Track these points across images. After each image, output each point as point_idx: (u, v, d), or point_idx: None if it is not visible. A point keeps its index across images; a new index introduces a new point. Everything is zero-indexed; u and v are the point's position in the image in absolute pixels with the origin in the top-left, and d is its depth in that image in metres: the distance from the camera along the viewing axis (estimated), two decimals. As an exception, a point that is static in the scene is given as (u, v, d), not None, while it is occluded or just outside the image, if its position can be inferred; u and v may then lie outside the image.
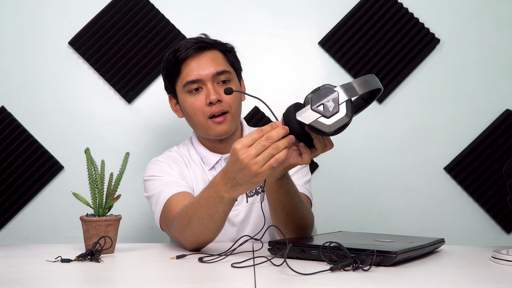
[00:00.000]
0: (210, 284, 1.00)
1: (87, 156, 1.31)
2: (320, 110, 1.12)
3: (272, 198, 1.34)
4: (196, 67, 1.55)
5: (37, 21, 2.11)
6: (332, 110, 1.11)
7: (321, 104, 1.12)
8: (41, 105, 2.10)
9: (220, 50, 1.60)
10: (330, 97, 1.11)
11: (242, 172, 1.15)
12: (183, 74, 1.56)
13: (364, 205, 2.12)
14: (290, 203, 1.36)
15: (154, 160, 1.64)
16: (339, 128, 1.13)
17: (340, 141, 2.13)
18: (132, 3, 2.11)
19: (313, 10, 2.15)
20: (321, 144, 1.21)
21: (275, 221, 1.41)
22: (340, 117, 1.11)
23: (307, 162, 1.22)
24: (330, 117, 1.12)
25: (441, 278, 1.05)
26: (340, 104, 1.11)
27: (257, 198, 1.59)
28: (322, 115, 1.12)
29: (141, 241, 2.07)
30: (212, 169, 1.61)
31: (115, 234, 1.32)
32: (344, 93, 1.11)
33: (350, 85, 1.12)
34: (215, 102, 1.52)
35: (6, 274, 1.07)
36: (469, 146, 2.12)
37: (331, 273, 1.03)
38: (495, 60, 2.14)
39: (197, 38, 1.60)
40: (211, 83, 1.54)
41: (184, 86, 1.56)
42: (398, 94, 2.14)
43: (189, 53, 1.55)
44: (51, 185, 2.10)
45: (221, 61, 1.58)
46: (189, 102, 1.56)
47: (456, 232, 2.11)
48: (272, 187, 1.31)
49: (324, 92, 1.12)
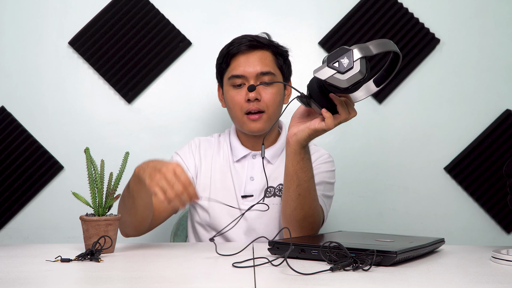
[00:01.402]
0: (210, 284, 1.00)
1: (87, 156, 1.31)
2: (336, 67, 1.17)
3: (291, 171, 1.38)
4: (243, 63, 1.61)
5: (37, 21, 2.11)
6: (346, 66, 1.17)
7: (337, 61, 1.17)
8: (41, 105, 2.10)
9: (272, 52, 1.65)
10: (345, 54, 1.17)
11: (147, 170, 1.29)
12: (231, 68, 1.63)
13: (364, 205, 2.12)
14: (305, 183, 1.39)
15: (196, 139, 1.74)
16: (354, 84, 1.18)
17: (340, 141, 2.13)
18: (132, 3, 2.11)
19: (313, 10, 2.15)
20: (344, 110, 1.27)
21: (285, 203, 1.43)
22: (355, 73, 1.16)
23: (330, 126, 1.28)
24: (345, 72, 1.17)
25: (441, 278, 1.05)
26: (355, 61, 1.16)
27: (275, 200, 1.61)
28: (337, 71, 1.17)
29: (141, 241, 2.07)
30: (238, 161, 1.66)
31: (115, 234, 1.32)
32: (359, 51, 1.16)
33: (365, 45, 1.18)
34: (253, 100, 1.58)
35: (6, 274, 1.07)
36: (469, 146, 2.12)
37: (331, 273, 1.03)
38: (495, 60, 2.14)
39: (253, 36, 1.66)
40: (254, 81, 1.61)
41: (229, 79, 1.63)
42: (398, 94, 2.14)
43: (240, 48, 1.62)
44: (51, 185, 2.10)
45: (268, 62, 1.63)
46: (231, 95, 1.63)
47: (456, 232, 2.11)
48: (295, 155, 1.36)
49: (340, 51, 1.18)
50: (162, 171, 1.24)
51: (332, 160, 1.68)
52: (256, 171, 1.63)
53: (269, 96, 1.61)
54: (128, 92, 2.11)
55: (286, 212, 1.43)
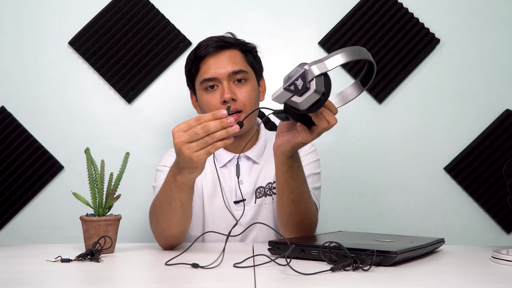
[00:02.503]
0: (210, 284, 1.00)
1: (87, 156, 1.31)
2: (291, 90, 1.12)
3: (282, 180, 1.36)
4: (213, 65, 1.58)
5: (37, 21, 2.11)
6: (301, 88, 1.12)
7: (292, 84, 1.12)
8: (41, 105, 2.10)
9: (240, 50, 1.63)
10: (299, 75, 1.12)
11: (179, 155, 1.19)
12: (201, 72, 1.60)
13: (364, 205, 2.12)
14: (297, 190, 1.37)
15: (170, 151, 1.69)
16: (312, 105, 1.13)
17: (340, 141, 2.13)
18: (132, 3, 2.11)
19: (313, 10, 2.15)
20: (321, 120, 1.22)
21: (280, 210, 1.42)
22: (310, 94, 1.12)
23: (307, 139, 1.24)
24: (301, 95, 1.12)
25: (441, 278, 1.05)
26: (310, 81, 1.11)
27: (266, 199, 1.60)
28: (293, 94, 1.13)
29: (141, 241, 2.07)
30: (224, 166, 1.64)
31: (115, 234, 1.32)
32: (313, 70, 1.11)
33: (321, 61, 1.12)
34: (229, 100, 1.55)
35: (6, 274, 1.07)
36: (469, 146, 2.12)
37: (331, 273, 1.03)
38: (495, 60, 2.14)
39: (219, 37, 1.63)
40: (227, 81, 1.57)
41: (201, 83, 1.60)
42: (398, 94, 2.14)
43: (208, 50, 1.59)
44: (51, 185, 2.10)
45: (239, 61, 1.60)
46: (205, 99, 1.59)
47: (456, 232, 2.11)
48: (283, 165, 1.33)
49: (294, 71, 1.13)
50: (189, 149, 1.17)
51: (315, 150, 1.66)
52: (244, 174, 1.61)
53: (244, 94, 1.57)
54: (128, 92, 2.11)
55: (282, 217, 1.42)
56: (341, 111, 1.43)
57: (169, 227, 1.33)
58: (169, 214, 1.31)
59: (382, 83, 2.12)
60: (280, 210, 1.42)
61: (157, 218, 1.34)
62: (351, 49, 1.14)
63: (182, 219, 1.32)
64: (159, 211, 1.33)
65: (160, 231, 1.35)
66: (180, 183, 1.25)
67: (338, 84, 1.90)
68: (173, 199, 1.28)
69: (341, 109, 1.30)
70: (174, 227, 1.33)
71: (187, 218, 1.34)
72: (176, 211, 1.30)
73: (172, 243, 1.37)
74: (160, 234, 1.36)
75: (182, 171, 1.23)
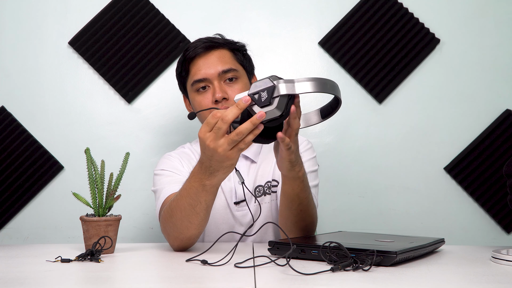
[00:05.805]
0: (210, 284, 1.00)
1: (87, 156, 1.31)
2: (255, 98, 1.14)
3: (292, 194, 1.35)
4: (203, 66, 1.58)
5: (37, 21, 2.11)
6: (264, 101, 1.13)
7: (258, 93, 1.13)
8: (41, 105, 2.10)
9: (229, 49, 1.63)
10: (266, 88, 1.13)
11: (213, 158, 1.18)
12: (192, 74, 1.60)
13: (364, 205, 2.12)
14: (306, 200, 1.37)
15: (167, 155, 1.67)
16: (270, 120, 1.14)
17: (340, 141, 2.13)
18: (132, 3, 2.11)
19: (313, 10, 2.15)
20: (292, 122, 1.20)
21: (286, 219, 1.40)
22: (270, 110, 1.13)
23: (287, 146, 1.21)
24: (262, 107, 1.13)
25: (441, 278, 1.05)
26: (274, 97, 1.13)
27: (265, 198, 1.60)
28: (255, 104, 1.14)
29: (141, 241, 2.07)
30: None
31: (115, 234, 1.32)
32: (281, 88, 1.12)
33: (291, 82, 1.13)
34: (221, 100, 1.55)
35: (6, 274, 1.07)
36: (469, 146, 2.12)
37: (331, 273, 1.03)
38: (495, 60, 2.14)
39: (207, 38, 1.63)
40: (218, 81, 1.57)
41: (192, 85, 1.60)
42: (398, 94, 2.14)
43: (197, 52, 1.59)
44: (51, 185, 2.10)
45: (228, 60, 1.60)
46: (197, 100, 1.59)
47: (456, 232, 2.11)
48: (295, 180, 1.32)
49: (264, 82, 1.14)
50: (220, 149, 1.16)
51: (311, 147, 1.65)
52: (243, 174, 1.60)
53: (236, 92, 1.56)
54: (128, 92, 2.11)
55: (287, 224, 1.41)
56: (341, 112, 1.43)
57: (189, 229, 1.30)
58: (191, 217, 1.28)
59: (382, 83, 2.12)
60: (286, 219, 1.41)
61: (175, 222, 1.30)
62: (324, 81, 1.15)
63: (204, 221, 1.30)
64: (179, 215, 1.29)
65: (176, 233, 1.32)
66: (209, 187, 1.23)
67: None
68: (198, 203, 1.25)
69: (341, 109, 1.30)
70: (193, 229, 1.30)
71: (207, 220, 1.32)
72: (200, 213, 1.27)
73: (187, 245, 1.34)
74: (177, 236, 1.32)
75: (214, 174, 1.21)
